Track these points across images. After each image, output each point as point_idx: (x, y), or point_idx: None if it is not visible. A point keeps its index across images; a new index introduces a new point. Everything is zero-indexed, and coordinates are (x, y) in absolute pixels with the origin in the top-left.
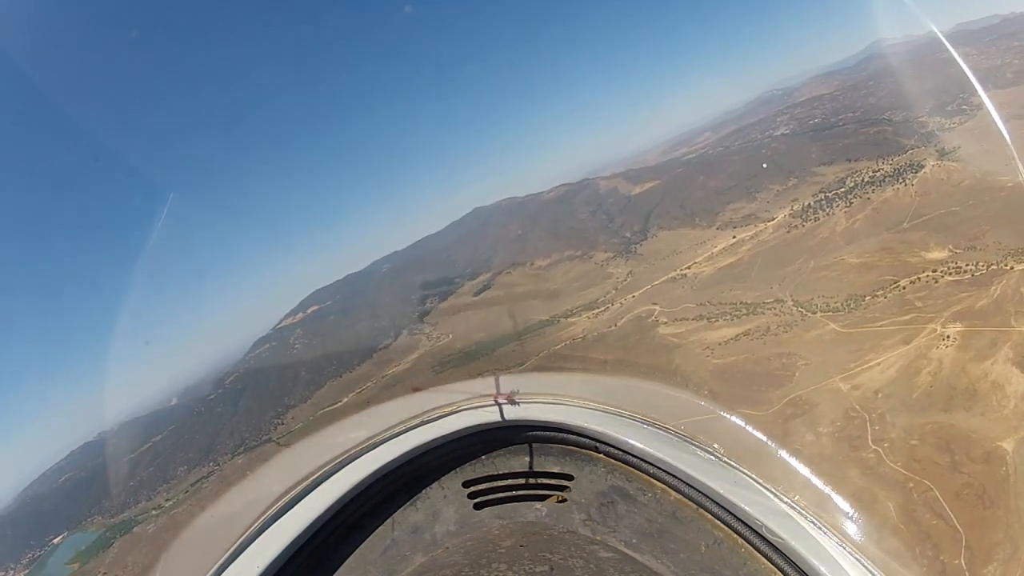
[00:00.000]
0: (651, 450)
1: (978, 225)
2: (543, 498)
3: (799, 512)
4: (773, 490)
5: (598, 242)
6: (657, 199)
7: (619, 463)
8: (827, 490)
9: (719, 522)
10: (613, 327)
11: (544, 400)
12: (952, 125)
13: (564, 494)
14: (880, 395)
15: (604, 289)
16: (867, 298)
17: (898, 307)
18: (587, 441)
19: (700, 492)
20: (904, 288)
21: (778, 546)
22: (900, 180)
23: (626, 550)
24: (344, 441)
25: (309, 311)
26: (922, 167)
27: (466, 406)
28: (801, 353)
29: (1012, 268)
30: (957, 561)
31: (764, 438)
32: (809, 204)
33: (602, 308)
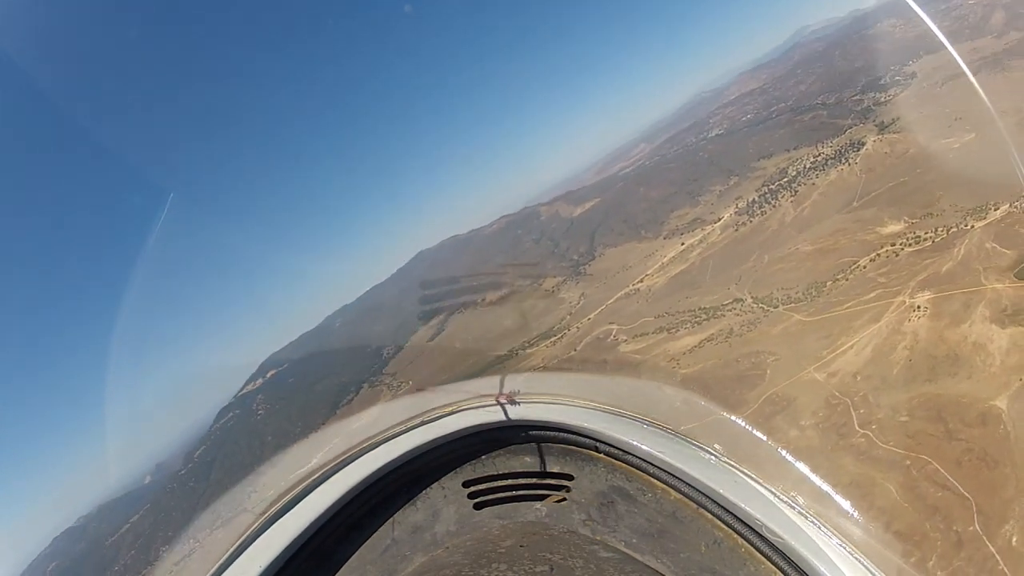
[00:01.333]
0: (651, 450)
1: (931, 191)
2: (543, 498)
3: (799, 512)
4: (773, 490)
5: (547, 269)
6: (600, 217)
7: (619, 463)
8: (823, 484)
9: (719, 522)
10: (573, 352)
11: (544, 400)
12: (888, 98)
13: (564, 494)
14: (859, 378)
15: (559, 315)
16: (828, 283)
17: (862, 287)
18: (587, 441)
19: (700, 492)
20: (865, 267)
21: (778, 546)
22: (843, 161)
23: (626, 550)
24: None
25: (268, 376)
26: (863, 144)
27: (466, 406)
28: (770, 349)
29: (972, 227)
30: (972, 528)
31: (761, 436)
32: (754, 199)
33: (559, 335)
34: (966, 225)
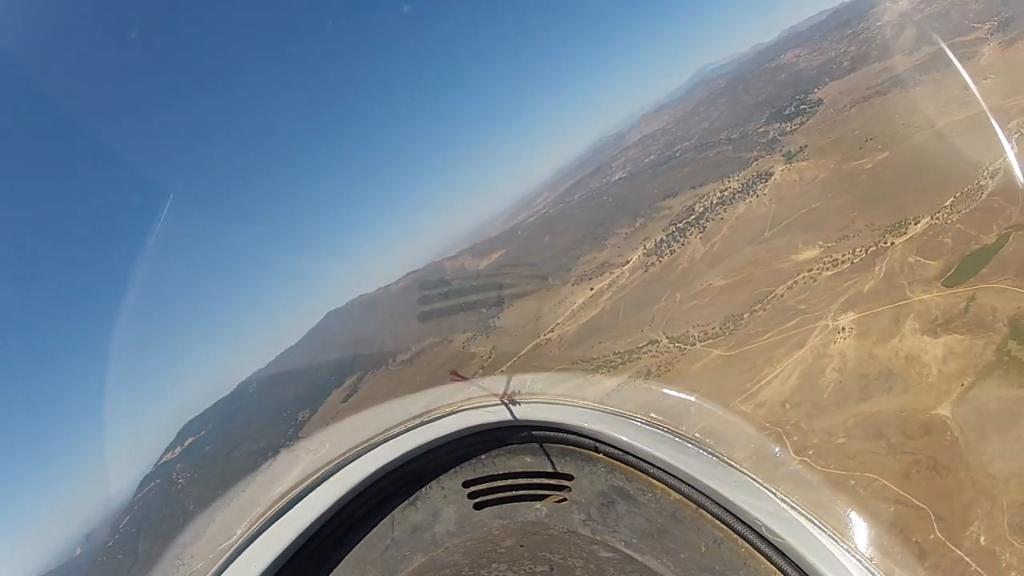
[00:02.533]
0: (651, 450)
1: (845, 214)
2: (543, 498)
3: (799, 512)
4: (773, 490)
5: (455, 324)
6: (507, 268)
7: (619, 463)
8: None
9: (719, 522)
10: None
11: (544, 400)
12: (794, 127)
13: (564, 494)
14: (788, 406)
15: (470, 372)
16: (746, 316)
17: (781, 316)
18: (587, 441)
19: (700, 492)
20: (783, 296)
21: (778, 546)
22: (751, 193)
23: (626, 550)
24: None
25: (187, 444)
26: (771, 175)
27: (466, 406)
28: (690, 387)
29: (893, 244)
30: (933, 536)
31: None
32: (661, 239)
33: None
34: (885, 243)
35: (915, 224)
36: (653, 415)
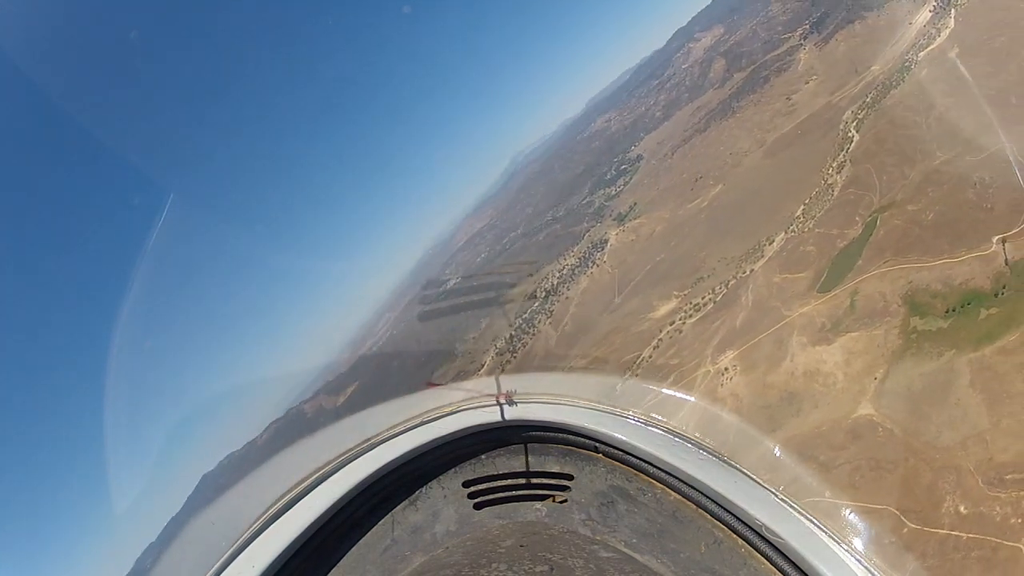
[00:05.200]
0: (651, 450)
1: (693, 257)
2: (543, 498)
3: (799, 512)
4: (773, 490)
5: None
6: (365, 400)
7: (619, 463)
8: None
9: (719, 522)
10: None
11: (544, 400)
12: (618, 189)
13: (564, 494)
14: None
15: None
16: (618, 387)
17: (655, 376)
18: (587, 441)
19: (700, 492)
20: (650, 357)
21: (778, 546)
22: (590, 264)
23: (626, 550)
24: None
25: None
26: (606, 241)
27: (466, 406)
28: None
29: (751, 271)
30: (906, 530)
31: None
32: (511, 335)
33: None
34: (744, 272)
35: (770, 244)
36: (653, 415)
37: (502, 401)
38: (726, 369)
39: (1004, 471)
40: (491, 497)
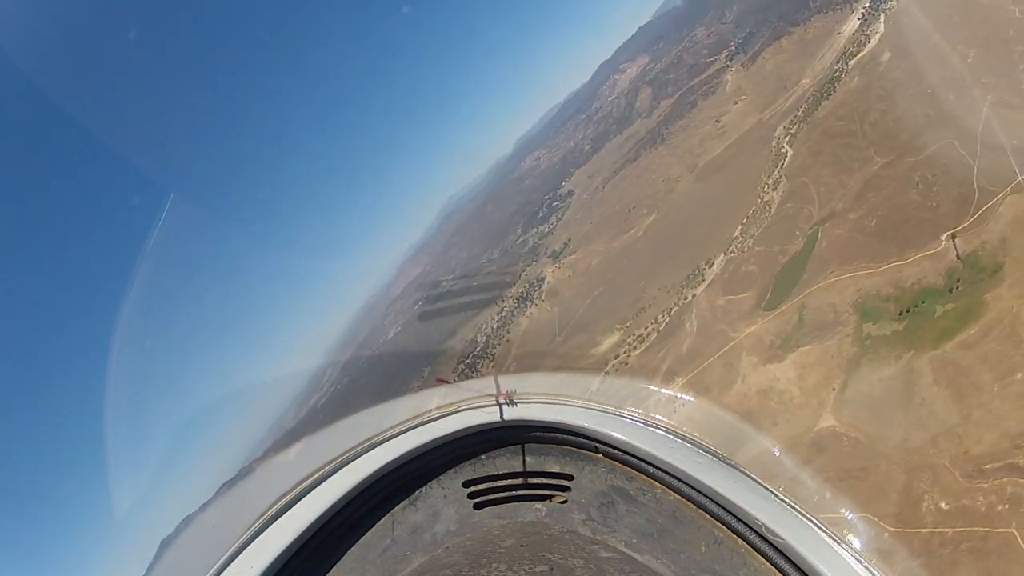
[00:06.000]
0: (651, 450)
1: (633, 287)
2: (543, 498)
3: (799, 512)
4: (773, 490)
5: None
6: (312, 458)
7: (619, 463)
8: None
9: (719, 522)
10: None
11: (544, 400)
12: (552, 226)
13: (564, 494)
14: None
15: None
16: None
17: None
18: (587, 441)
19: (700, 492)
20: (597, 391)
21: (778, 546)
22: (529, 304)
23: (626, 550)
24: None
25: None
26: (543, 279)
27: (466, 406)
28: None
29: (693, 296)
30: (887, 535)
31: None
32: (453, 380)
33: None
34: (686, 298)
35: (710, 267)
36: (653, 415)
37: (502, 401)
38: (677, 398)
39: (982, 462)
40: (491, 497)
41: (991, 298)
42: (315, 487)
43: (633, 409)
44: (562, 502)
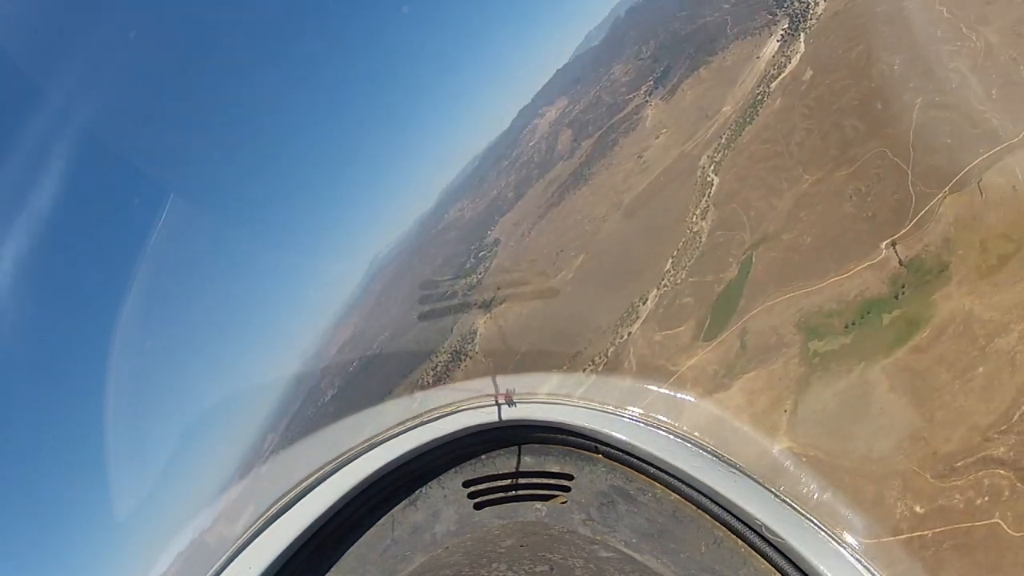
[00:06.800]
0: (651, 450)
1: (566, 332)
2: (543, 498)
3: (799, 512)
4: (773, 490)
5: None
6: (263, 524)
7: (619, 463)
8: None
9: (719, 522)
10: None
11: (544, 400)
12: (479, 276)
13: (564, 494)
14: None
15: None
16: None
17: None
18: (587, 441)
19: (700, 492)
20: None
21: (778, 546)
22: (462, 358)
23: (626, 550)
24: None
25: None
26: (476, 331)
27: (466, 406)
28: None
29: (629, 334)
30: (861, 549)
31: None
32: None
33: None
34: (621, 337)
35: (644, 304)
36: (653, 415)
37: (501, 401)
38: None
39: (953, 460)
40: (491, 497)
41: (940, 298)
42: (315, 487)
43: (633, 408)
44: (562, 502)
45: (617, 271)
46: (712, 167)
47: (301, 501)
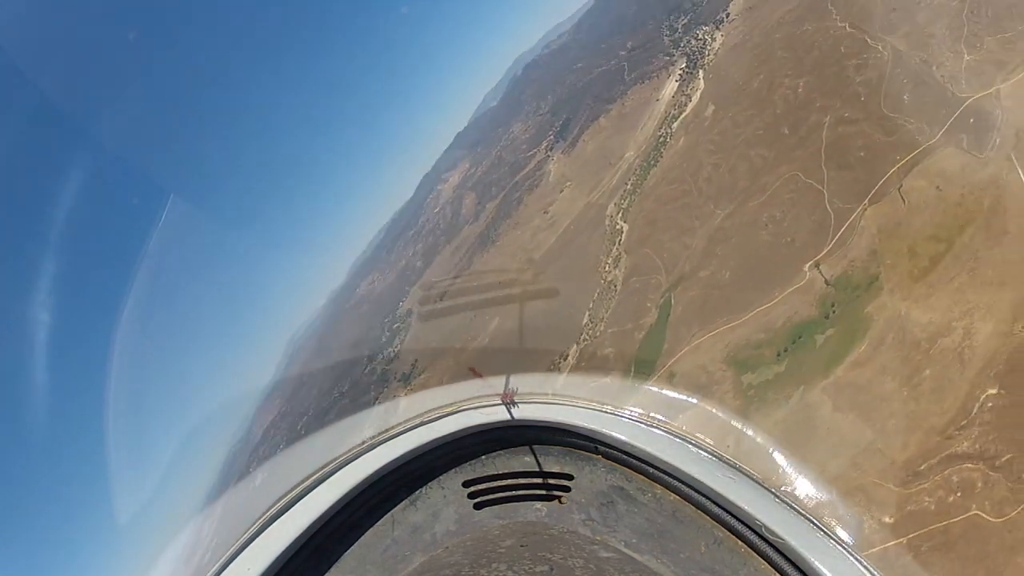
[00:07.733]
0: (651, 450)
1: (511, 371)
2: (543, 498)
3: (799, 512)
4: (773, 490)
5: None
6: None
7: (619, 463)
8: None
9: (719, 522)
10: None
11: (544, 400)
12: (396, 349)
13: (564, 494)
14: None
15: None
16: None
17: None
18: (587, 441)
19: (700, 492)
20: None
21: (778, 546)
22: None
23: (626, 550)
24: None
25: None
26: (398, 406)
27: (466, 406)
28: None
29: (566, 358)
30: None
31: None
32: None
33: None
34: (558, 365)
35: (564, 360)
36: (653, 415)
37: (505, 401)
38: (561, 499)
39: (914, 465)
40: (491, 497)
41: (874, 310)
42: (315, 487)
43: (633, 408)
44: (562, 502)
45: (533, 330)
46: (620, 214)
47: (301, 501)
